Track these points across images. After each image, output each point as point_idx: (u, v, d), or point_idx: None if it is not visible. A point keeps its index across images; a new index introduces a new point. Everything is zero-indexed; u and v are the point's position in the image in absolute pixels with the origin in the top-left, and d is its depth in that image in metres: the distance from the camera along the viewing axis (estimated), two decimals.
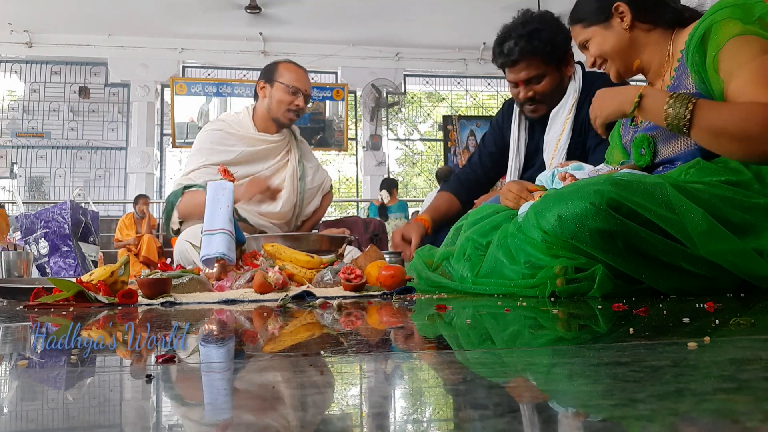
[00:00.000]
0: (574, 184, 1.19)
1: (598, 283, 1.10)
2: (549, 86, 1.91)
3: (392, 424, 0.35)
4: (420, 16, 7.89)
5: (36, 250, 3.05)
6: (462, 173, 2.33)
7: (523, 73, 1.88)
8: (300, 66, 2.51)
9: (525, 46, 1.83)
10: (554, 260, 1.15)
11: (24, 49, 8.23)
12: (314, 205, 2.63)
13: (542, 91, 1.91)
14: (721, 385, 0.39)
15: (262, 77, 2.47)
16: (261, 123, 2.46)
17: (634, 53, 1.47)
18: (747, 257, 1.09)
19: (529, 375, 0.48)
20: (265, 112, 2.43)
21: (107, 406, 0.41)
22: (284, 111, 2.40)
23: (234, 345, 0.70)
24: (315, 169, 2.63)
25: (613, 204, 1.08)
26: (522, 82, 1.90)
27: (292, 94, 2.38)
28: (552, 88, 1.91)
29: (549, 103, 1.94)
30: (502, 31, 1.91)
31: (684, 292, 1.12)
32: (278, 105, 2.40)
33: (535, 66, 1.87)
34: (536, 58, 1.85)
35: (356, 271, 1.40)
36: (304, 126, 8.57)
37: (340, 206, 10.97)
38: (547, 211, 1.17)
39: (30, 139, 8.55)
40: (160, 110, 8.85)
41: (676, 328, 0.70)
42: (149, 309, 1.14)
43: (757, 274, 1.09)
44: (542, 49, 1.84)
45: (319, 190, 2.64)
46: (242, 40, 8.34)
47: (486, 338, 0.72)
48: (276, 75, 2.42)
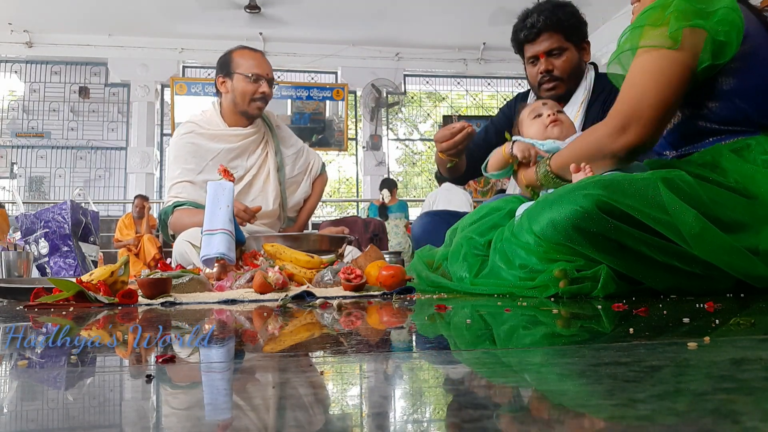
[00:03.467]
0: (565, 188, 1.19)
1: (602, 283, 1.10)
2: (569, 63, 1.93)
3: (392, 424, 0.35)
4: (420, 16, 7.89)
5: (36, 250, 3.05)
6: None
7: (545, 43, 1.90)
8: (255, 50, 2.41)
9: (549, 16, 1.88)
10: (550, 265, 1.15)
11: (24, 49, 8.23)
12: (303, 192, 2.53)
13: (562, 67, 1.92)
14: (721, 385, 0.39)
15: (218, 71, 2.36)
16: (230, 118, 2.36)
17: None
18: (741, 257, 1.08)
19: (529, 375, 0.48)
20: (231, 107, 2.34)
21: (107, 406, 0.41)
22: (249, 102, 2.30)
23: (234, 345, 0.70)
24: (296, 155, 2.52)
25: (603, 207, 1.08)
26: (543, 53, 1.92)
27: (254, 83, 2.29)
28: (571, 67, 1.93)
29: (567, 83, 1.94)
30: (525, 10, 1.96)
31: (682, 291, 1.12)
32: (242, 97, 2.30)
33: (557, 39, 1.90)
34: (558, 33, 1.90)
35: (356, 271, 1.40)
36: (304, 126, 8.58)
37: (340, 206, 10.98)
38: (539, 216, 1.17)
39: (30, 139, 8.55)
40: (160, 110, 8.84)
41: (676, 328, 0.70)
42: (149, 309, 1.14)
43: (752, 273, 1.09)
44: (566, 22, 1.90)
45: (306, 175, 2.54)
46: (242, 40, 8.25)
47: (486, 338, 0.72)
48: (233, 66, 2.32)
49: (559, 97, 1.94)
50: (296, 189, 2.52)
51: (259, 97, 2.31)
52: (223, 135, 2.35)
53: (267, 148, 2.44)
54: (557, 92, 1.95)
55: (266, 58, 2.42)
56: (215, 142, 2.33)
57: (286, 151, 2.51)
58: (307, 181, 2.56)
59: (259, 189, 2.38)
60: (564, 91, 1.94)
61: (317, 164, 2.61)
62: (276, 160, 2.44)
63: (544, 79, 1.94)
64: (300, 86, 8.79)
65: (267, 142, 2.45)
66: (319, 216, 9.40)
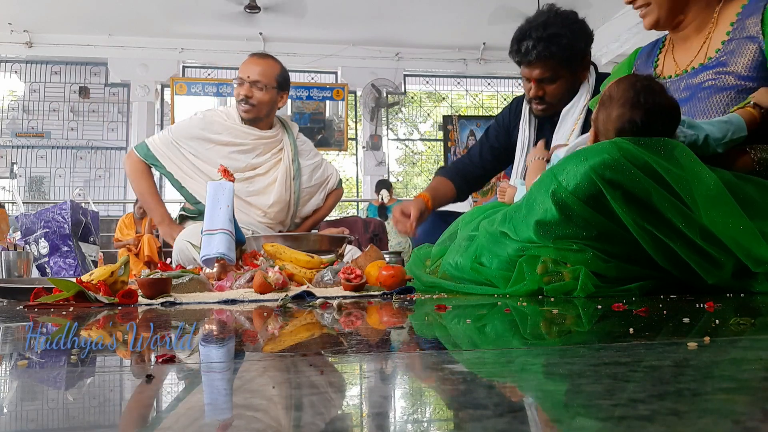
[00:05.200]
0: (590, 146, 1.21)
1: (581, 284, 1.11)
2: (561, 89, 1.91)
3: (392, 424, 0.35)
4: (420, 16, 7.89)
5: (36, 250, 3.04)
6: (460, 162, 2.30)
7: (537, 71, 1.87)
8: (257, 54, 2.50)
9: (542, 50, 1.81)
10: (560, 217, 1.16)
11: (24, 49, 8.22)
12: (315, 203, 2.59)
13: (553, 93, 1.91)
14: (721, 385, 0.39)
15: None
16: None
17: (682, 5, 1.46)
18: (748, 235, 1.09)
19: (529, 375, 0.48)
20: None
21: (107, 406, 0.41)
22: (237, 103, 2.40)
23: (234, 345, 0.70)
24: (314, 167, 2.57)
25: (629, 156, 1.10)
26: (534, 80, 1.90)
27: (239, 86, 2.37)
28: (563, 91, 1.92)
29: (557, 105, 1.95)
30: (522, 27, 1.87)
31: (668, 286, 1.14)
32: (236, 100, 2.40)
33: (550, 67, 1.86)
34: (552, 61, 1.84)
35: (356, 271, 1.40)
36: (304, 126, 8.57)
37: (340, 206, 10.96)
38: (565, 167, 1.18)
39: (30, 139, 8.55)
40: (160, 110, 8.84)
41: (676, 328, 0.70)
42: (149, 309, 1.14)
43: (753, 254, 1.09)
44: (560, 55, 1.83)
45: (321, 188, 2.60)
46: (242, 40, 8.33)
47: (485, 338, 0.72)
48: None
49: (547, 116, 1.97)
50: (309, 199, 2.57)
51: (241, 99, 2.37)
52: (233, 129, 2.41)
53: (281, 155, 2.47)
54: (546, 113, 1.97)
55: (259, 60, 2.45)
56: (224, 132, 2.39)
57: (304, 162, 2.55)
58: (321, 193, 2.61)
59: (259, 189, 2.39)
60: (553, 112, 1.96)
61: (335, 178, 2.67)
62: (291, 168, 2.47)
63: (534, 99, 1.95)
64: (300, 86, 8.79)
65: (282, 149, 2.49)
66: None
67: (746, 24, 1.38)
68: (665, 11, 1.46)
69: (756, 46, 1.34)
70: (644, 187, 1.09)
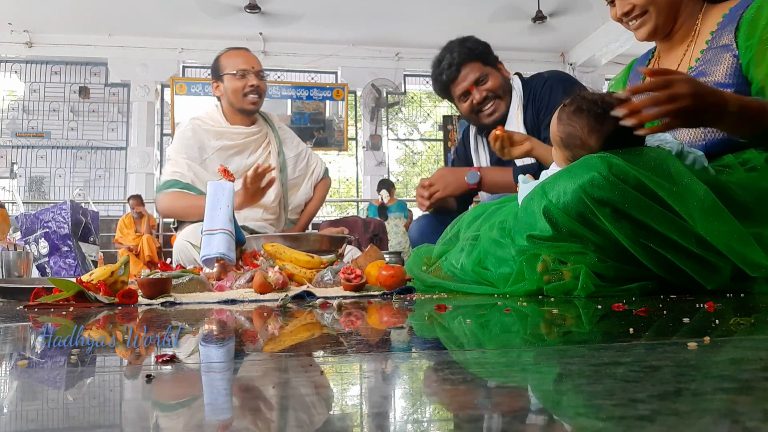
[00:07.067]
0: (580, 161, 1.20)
1: (582, 283, 1.11)
2: (497, 82, 2.06)
3: (392, 424, 0.35)
4: (420, 16, 7.89)
5: (36, 250, 3.05)
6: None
7: (470, 76, 2.04)
8: (239, 48, 2.47)
9: (461, 50, 2.03)
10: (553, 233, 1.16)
11: (24, 49, 8.23)
12: (304, 194, 2.56)
13: (493, 88, 2.05)
14: (721, 385, 0.39)
15: (212, 78, 2.46)
16: (231, 117, 2.44)
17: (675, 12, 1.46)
18: (743, 241, 1.09)
19: (529, 375, 0.48)
20: (230, 107, 2.42)
21: (107, 406, 0.41)
22: (242, 97, 2.37)
23: (234, 345, 0.70)
24: (296, 157, 2.56)
25: (617, 172, 1.10)
26: (472, 85, 2.04)
27: (242, 78, 2.35)
28: (500, 85, 2.06)
29: (503, 98, 2.06)
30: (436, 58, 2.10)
31: (666, 287, 1.14)
32: (235, 95, 2.37)
33: (477, 67, 2.04)
34: (475, 62, 2.04)
35: (356, 271, 1.40)
36: (304, 126, 8.58)
37: (340, 206, 10.97)
38: (555, 184, 1.18)
39: (30, 139, 8.55)
40: (160, 110, 8.84)
41: (676, 328, 0.70)
42: (149, 309, 1.14)
43: (749, 260, 1.09)
44: (477, 50, 2.04)
45: (306, 179, 2.58)
46: (242, 40, 8.29)
47: (485, 338, 0.72)
48: (221, 69, 2.40)
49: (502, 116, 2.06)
50: (297, 191, 2.55)
51: (249, 90, 2.36)
52: (224, 131, 2.40)
53: (269, 148, 2.48)
54: (501, 111, 2.06)
55: (252, 54, 2.46)
56: (216, 137, 2.38)
57: (288, 152, 2.54)
58: (308, 183, 2.59)
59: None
60: (505, 108, 2.06)
61: (319, 168, 2.64)
62: (279, 161, 2.47)
63: (482, 105, 2.05)
64: (300, 86, 8.80)
65: (269, 143, 2.49)
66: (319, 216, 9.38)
67: (723, 33, 1.39)
68: (663, 18, 1.46)
69: (730, 55, 1.35)
70: (636, 204, 1.09)
